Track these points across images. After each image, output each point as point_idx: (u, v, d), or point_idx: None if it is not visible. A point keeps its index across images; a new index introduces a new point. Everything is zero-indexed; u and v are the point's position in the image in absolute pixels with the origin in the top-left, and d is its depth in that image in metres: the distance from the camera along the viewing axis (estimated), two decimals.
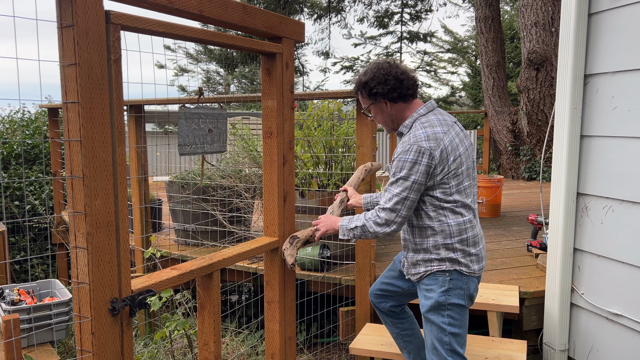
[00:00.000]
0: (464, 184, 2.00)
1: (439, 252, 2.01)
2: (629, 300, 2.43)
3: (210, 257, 1.85)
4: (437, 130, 1.95)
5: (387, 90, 2.03)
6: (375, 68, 2.07)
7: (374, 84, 2.04)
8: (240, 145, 4.59)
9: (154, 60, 2.11)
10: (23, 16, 1.31)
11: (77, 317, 1.35)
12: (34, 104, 7.56)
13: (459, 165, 1.97)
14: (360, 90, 2.11)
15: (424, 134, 1.94)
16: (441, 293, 2.00)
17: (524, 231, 4.55)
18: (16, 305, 3.23)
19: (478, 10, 8.94)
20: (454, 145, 1.97)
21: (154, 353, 3.37)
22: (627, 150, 2.41)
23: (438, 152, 1.91)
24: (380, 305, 2.38)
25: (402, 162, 1.92)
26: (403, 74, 2.05)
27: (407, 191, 1.92)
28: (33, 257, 6.09)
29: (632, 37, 2.36)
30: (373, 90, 2.05)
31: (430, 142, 1.91)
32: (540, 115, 7.99)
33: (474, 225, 2.05)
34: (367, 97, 2.10)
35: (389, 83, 2.02)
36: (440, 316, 2.00)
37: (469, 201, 2.03)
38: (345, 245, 3.60)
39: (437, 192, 1.96)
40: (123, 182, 1.39)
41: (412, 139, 1.94)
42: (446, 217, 1.99)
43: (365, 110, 2.17)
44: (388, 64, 2.07)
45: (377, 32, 16.80)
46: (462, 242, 2.00)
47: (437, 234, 2.00)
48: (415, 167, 1.90)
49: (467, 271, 2.01)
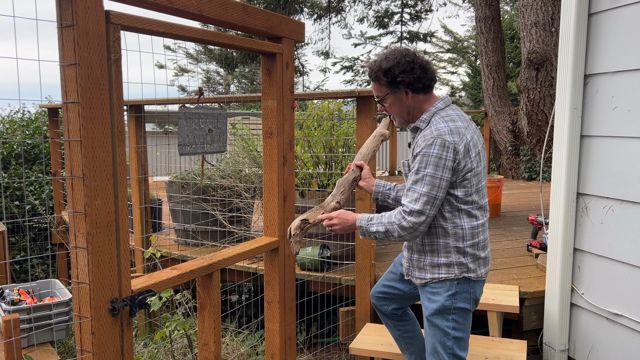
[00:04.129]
0: (482, 183, 1.92)
1: (449, 256, 1.91)
2: (629, 300, 2.43)
3: (210, 257, 1.85)
4: (458, 125, 1.85)
5: (412, 79, 1.88)
6: (399, 55, 1.90)
7: (398, 72, 1.88)
8: (240, 145, 4.59)
9: (154, 60, 2.11)
10: (23, 16, 1.31)
11: (77, 317, 1.35)
12: (34, 104, 7.56)
13: (479, 162, 1.88)
14: (379, 77, 1.93)
15: (446, 127, 1.83)
16: (448, 297, 1.92)
17: (524, 231, 4.55)
18: (16, 305, 3.23)
19: (478, 10, 8.94)
20: (474, 141, 1.87)
21: (154, 353, 3.37)
22: (627, 150, 2.41)
23: (462, 147, 1.81)
24: (382, 308, 2.32)
25: (427, 156, 1.80)
26: (427, 64, 1.94)
27: (435, 189, 1.80)
28: (33, 257, 6.09)
29: (632, 37, 2.36)
30: (397, 79, 1.88)
31: (454, 136, 1.80)
32: (540, 115, 7.99)
33: (485, 229, 1.97)
34: (386, 85, 1.93)
35: (415, 72, 1.88)
36: (445, 320, 1.93)
37: (484, 202, 1.95)
38: (345, 245, 3.60)
39: (458, 192, 1.86)
40: (123, 182, 1.39)
41: (435, 132, 1.82)
42: (461, 220, 1.90)
43: (380, 100, 2.00)
44: (412, 52, 1.93)
45: (377, 32, 16.81)
46: (474, 246, 1.92)
47: (449, 236, 1.90)
48: (441, 162, 1.78)
49: (475, 277, 1.94)
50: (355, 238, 3.20)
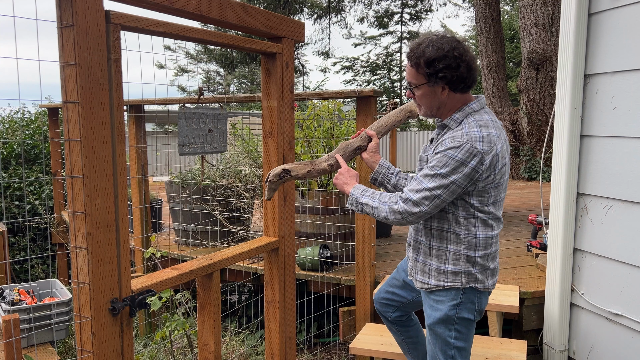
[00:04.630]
0: (501, 195, 1.82)
1: (458, 264, 1.82)
2: (629, 300, 2.43)
3: (210, 257, 1.85)
4: (492, 133, 1.73)
5: (455, 77, 1.73)
6: (448, 46, 1.72)
7: (442, 66, 1.71)
8: (240, 145, 4.59)
9: (154, 60, 2.11)
10: (23, 16, 1.31)
11: (77, 317, 1.35)
12: (34, 104, 7.56)
13: (502, 175, 1.79)
14: (420, 65, 1.74)
15: (479, 133, 1.70)
16: (452, 307, 1.84)
17: (524, 231, 4.56)
18: (16, 305, 3.23)
19: (478, 10, 8.94)
20: (503, 152, 1.76)
21: (154, 353, 3.38)
22: (627, 150, 2.41)
23: (489, 158, 1.70)
24: (386, 314, 2.27)
25: (449, 158, 1.69)
26: (474, 63, 1.78)
27: (440, 189, 1.70)
28: (33, 257, 6.09)
29: (632, 37, 2.36)
30: (440, 74, 1.72)
31: (484, 145, 1.69)
32: (540, 115, 7.99)
33: (498, 240, 1.90)
34: (424, 75, 1.75)
35: (459, 70, 1.72)
36: (447, 330, 1.87)
37: (500, 214, 1.87)
38: (345, 245, 3.60)
39: (474, 200, 1.77)
40: (123, 182, 1.39)
41: (466, 136, 1.70)
42: (476, 228, 1.80)
43: (413, 87, 1.82)
44: (463, 46, 1.75)
45: (377, 32, 16.84)
46: (485, 256, 1.84)
47: (461, 243, 1.81)
48: (461, 167, 1.68)
49: (482, 287, 1.86)
50: (356, 238, 3.20)
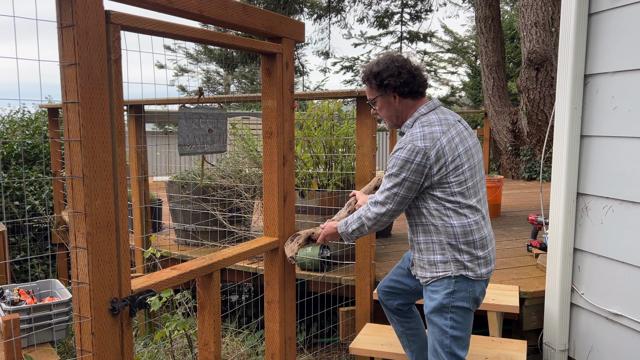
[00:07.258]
0: (467, 184, 1.96)
1: (444, 253, 1.97)
2: (629, 300, 2.43)
3: (210, 257, 1.85)
4: (434, 130, 1.93)
5: (399, 83, 2.00)
6: (389, 60, 2.03)
7: (386, 75, 2.01)
8: (240, 145, 4.59)
9: (154, 60, 2.11)
10: (23, 16, 1.31)
11: (77, 317, 1.35)
12: (34, 104, 7.56)
13: (459, 165, 1.93)
14: (370, 80, 2.07)
15: (420, 133, 1.93)
16: (445, 295, 1.97)
17: (524, 231, 4.56)
18: (16, 305, 3.23)
19: (478, 10, 8.94)
20: (452, 145, 1.93)
21: (154, 353, 3.38)
22: (627, 150, 2.41)
23: (434, 152, 1.89)
24: (387, 302, 2.36)
25: (395, 159, 1.93)
26: (416, 70, 2.03)
27: (397, 187, 1.93)
28: (33, 257, 6.09)
29: (632, 37, 2.36)
30: (385, 82, 2.01)
31: (425, 142, 1.90)
32: (540, 115, 7.99)
33: (481, 227, 2.00)
34: (375, 88, 2.06)
35: (402, 76, 1.99)
36: (443, 318, 1.97)
37: (474, 202, 1.98)
38: (346, 246, 3.60)
39: (436, 192, 1.94)
40: (123, 182, 1.39)
41: (409, 137, 1.94)
42: (449, 218, 1.95)
43: (371, 102, 2.13)
44: (403, 58, 2.04)
45: (377, 32, 16.82)
46: (469, 244, 1.96)
47: (441, 233, 1.97)
48: (407, 165, 1.89)
49: (474, 276, 1.97)
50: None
